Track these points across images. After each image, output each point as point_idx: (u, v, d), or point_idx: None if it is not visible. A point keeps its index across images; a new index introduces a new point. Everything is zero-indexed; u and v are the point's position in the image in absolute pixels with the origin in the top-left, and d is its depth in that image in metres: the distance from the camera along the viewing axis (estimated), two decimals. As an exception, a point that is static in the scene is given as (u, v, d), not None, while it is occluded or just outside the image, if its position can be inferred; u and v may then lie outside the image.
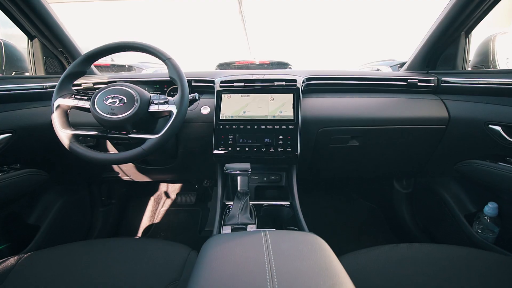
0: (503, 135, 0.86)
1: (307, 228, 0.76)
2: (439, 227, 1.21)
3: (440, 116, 1.03)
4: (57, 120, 0.79)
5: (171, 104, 0.82)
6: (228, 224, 0.75)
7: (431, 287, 0.58)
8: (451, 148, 1.06)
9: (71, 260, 0.67)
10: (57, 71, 1.12)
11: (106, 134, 0.82)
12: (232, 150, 0.97)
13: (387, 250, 0.71)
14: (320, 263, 0.40)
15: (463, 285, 0.58)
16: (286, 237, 0.46)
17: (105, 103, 0.79)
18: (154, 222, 1.61)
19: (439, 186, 1.18)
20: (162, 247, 0.73)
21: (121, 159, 0.79)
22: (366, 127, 1.05)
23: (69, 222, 1.19)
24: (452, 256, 0.67)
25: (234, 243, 0.45)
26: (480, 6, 0.91)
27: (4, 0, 0.85)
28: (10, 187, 0.87)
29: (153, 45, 0.86)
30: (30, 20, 0.93)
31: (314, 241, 0.46)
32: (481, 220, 0.97)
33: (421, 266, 0.64)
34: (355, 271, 0.62)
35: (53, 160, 1.03)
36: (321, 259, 0.40)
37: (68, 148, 0.78)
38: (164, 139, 0.79)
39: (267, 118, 0.98)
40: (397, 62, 4.26)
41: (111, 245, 0.74)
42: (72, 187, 1.19)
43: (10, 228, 0.96)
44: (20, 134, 0.89)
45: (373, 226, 1.56)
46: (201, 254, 0.47)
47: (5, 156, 0.86)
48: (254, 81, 1.04)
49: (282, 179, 1.11)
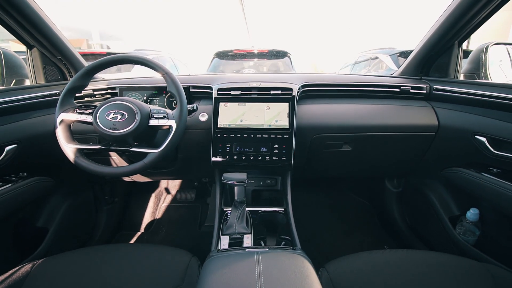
0: (487, 147, 0.90)
1: (298, 241, 0.82)
2: (425, 226, 1.28)
3: (430, 124, 1.07)
4: (61, 135, 0.83)
5: (170, 119, 0.85)
6: (226, 234, 0.81)
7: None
8: (439, 155, 1.11)
9: (81, 266, 0.73)
10: (57, 78, 1.13)
11: (109, 147, 0.85)
12: (229, 158, 1.01)
13: (369, 256, 0.77)
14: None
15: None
16: (277, 259, 0.52)
17: (107, 118, 0.82)
18: (155, 218, 1.68)
19: (427, 188, 1.24)
20: (166, 253, 0.79)
21: (125, 173, 0.83)
22: (359, 133, 1.09)
23: (75, 222, 1.25)
24: (429, 262, 0.73)
25: (231, 268, 0.51)
26: (474, 19, 0.92)
27: (0, 12, 0.86)
28: (21, 196, 0.92)
29: (152, 60, 0.88)
30: (28, 31, 0.94)
31: (302, 266, 0.52)
32: (464, 223, 1.04)
33: (398, 272, 0.70)
34: (338, 278, 0.68)
35: (57, 167, 1.07)
36: (305, 285, 0.47)
37: (73, 162, 0.82)
38: (165, 153, 0.83)
39: (263, 127, 1.02)
40: (397, 51, 4.20)
41: (117, 251, 0.79)
42: (76, 189, 1.25)
43: (21, 233, 1.02)
44: (25, 144, 0.92)
45: (364, 222, 1.64)
46: (202, 276, 0.52)
47: (12, 165, 0.90)
48: (251, 89, 1.06)
49: (278, 183, 1.16)
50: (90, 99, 1.15)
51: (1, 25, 0.89)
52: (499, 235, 0.96)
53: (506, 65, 1.31)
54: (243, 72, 3.98)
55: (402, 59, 4.08)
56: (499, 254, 0.93)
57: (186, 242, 1.51)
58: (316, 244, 1.46)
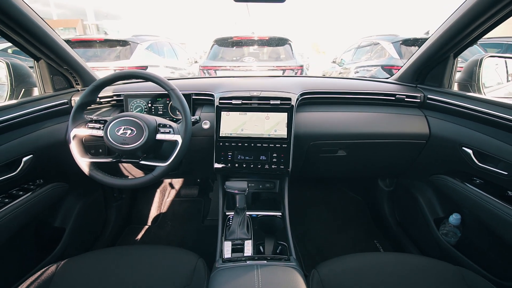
0: (472, 158, 0.97)
1: (293, 249, 0.91)
2: (412, 224, 1.38)
3: (422, 132, 1.13)
4: (75, 149, 0.89)
5: (176, 133, 0.91)
6: (229, 239, 0.90)
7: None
8: (428, 161, 1.18)
9: (100, 267, 0.81)
10: (64, 87, 1.17)
11: (119, 159, 0.92)
12: (231, 165, 1.08)
13: (357, 259, 0.86)
14: None
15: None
16: (273, 273, 0.61)
17: (117, 134, 0.88)
18: (161, 211, 1.79)
19: (416, 190, 1.32)
20: (174, 255, 0.88)
21: (135, 185, 0.90)
22: (354, 141, 1.15)
23: (88, 220, 1.35)
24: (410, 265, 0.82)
25: (235, 284, 0.60)
26: (471, 35, 0.95)
27: (6, 29, 0.89)
28: (40, 203, 1.00)
29: (158, 75, 0.92)
30: (34, 45, 0.97)
31: (295, 280, 0.60)
32: (446, 225, 1.13)
33: (382, 274, 0.79)
34: (328, 279, 0.77)
35: (70, 172, 1.14)
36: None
37: (88, 175, 0.89)
38: (172, 166, 0.89)
39: (263, 136, 1.07)
40: (400, 38, 4.12)
41: (132, 252, 0.88)
42: (88, 190, 1.33)
43: (41, 233, 1.11)
44: (39, 153, 0.99)
45: (357, 217, 1.74)
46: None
47: (29, 174, 0.98)
48: (251, 98, 1.11)
49: (276, 186, 1.24)
50: (96, 106, 1.20)
51: (9, 41, 0.92)
52: (477, 239, 1.05)
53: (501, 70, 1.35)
54: (243, 59, 3.94)
55: (404, 47, 4.02)
56: (475, 256, 1.02)
57: (190, 236, 1.62)
58: (311, 238, 1.57)
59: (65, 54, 1.06)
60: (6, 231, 0.88)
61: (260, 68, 3.83)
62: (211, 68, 3.92)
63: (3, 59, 1.07)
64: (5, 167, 0.89)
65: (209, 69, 3.93)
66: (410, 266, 0.82)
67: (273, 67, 3.85)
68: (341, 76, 5.35)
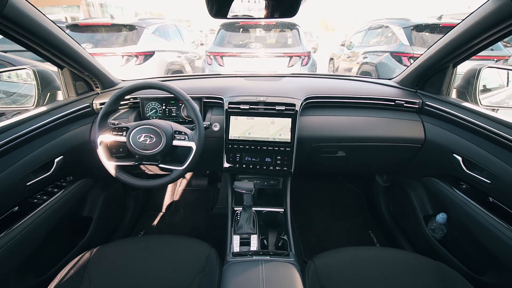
0: (461, 165, 1.05)
1: (293, 245, 1.04)
2: (404, 218, 1.50)
3: (417, 137, 1.21)
4: (102, 154, 1.01)
5: (190, 140, 1.01)
6: (237, 233, 1.04)
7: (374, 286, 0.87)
8: (421, 164, 1.27)
9: (127, 255, 0.95)
10: (86, 91, 1.27)
11: (141, 162, 1.04)
12: (239, 165, 1.19)
13: (350, 252, 0.98)
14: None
15: (395, 285, 0.87)
16: (274, 269, 0.75)
17: (138, 141, 0.98)
18: (174, 200, 1.95)
19: (409, 188, 1.42)
20: (191, 245, 1.01)
21: (155, 186, 1.02)
22: (353, 143, 1.24)
23: (110, 209, 1.51)
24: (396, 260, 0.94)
25: (244, 276, 0.73)
26: (471, 50, 0.99)
27: (36, 46, 0.97)
28: (72, 198, 1.14)
29: (174, 87, 1.01)
30: (59, 57, 1.06)
31: (293, 275, 0.74)
32: (434, 222, 1.24)
33: (371, 267, 0.91)
34: (323, 270, 0.90)
35: (94, 168, 1.27)
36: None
37: (115, 176, 1.02)
38: (187, 169, 1.01)
39: (268, 140, 1.17)
40: (412, 23, 3.98)
41: (152, 241, 1.02)
42: (109, 183, 1.47)
43: (72, 223, 1.27)
44: (68, 154, 1.11)
45: (354, 208, 1.87)
46: (224, 282, 0.75)
47: (61, 172, 1.11)
48: (258, 104, 1.19)
49: (280, 183, 1.36)
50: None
51: (37, 55, 1.01)
52: (459, 237, 1.17)
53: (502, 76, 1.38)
54: (250, 46, 3.91)
55: (415, 33, 3.90)
56: (456, 252, 1.15)
57: (201, 223, 1.79)
58: (311, 228, 1.72)
59: (85, 62, 1.14)
60: (48, 224, 1.03)
61: (267, 55, 3.81)
62: (217, 54, 3.92)
63: (30, 66, 1.16)
64: (41, 168, 1.02)
65: (216, 55, 3.93)
66: (393, 260, 0.94)
67: (280, 54, 3.83)
68: (344, 75, 5.27)
